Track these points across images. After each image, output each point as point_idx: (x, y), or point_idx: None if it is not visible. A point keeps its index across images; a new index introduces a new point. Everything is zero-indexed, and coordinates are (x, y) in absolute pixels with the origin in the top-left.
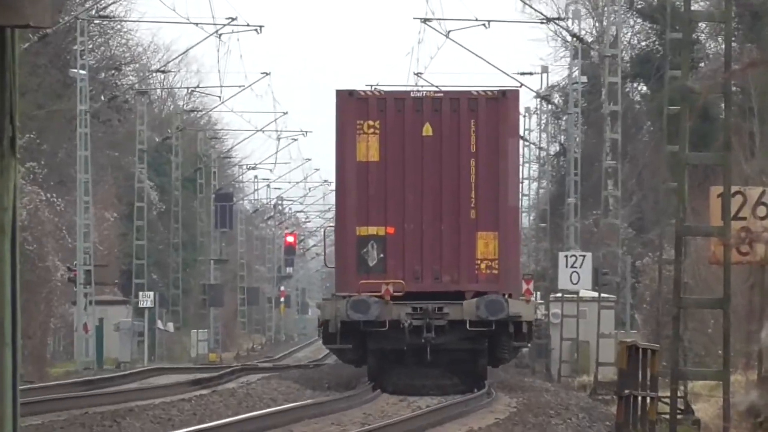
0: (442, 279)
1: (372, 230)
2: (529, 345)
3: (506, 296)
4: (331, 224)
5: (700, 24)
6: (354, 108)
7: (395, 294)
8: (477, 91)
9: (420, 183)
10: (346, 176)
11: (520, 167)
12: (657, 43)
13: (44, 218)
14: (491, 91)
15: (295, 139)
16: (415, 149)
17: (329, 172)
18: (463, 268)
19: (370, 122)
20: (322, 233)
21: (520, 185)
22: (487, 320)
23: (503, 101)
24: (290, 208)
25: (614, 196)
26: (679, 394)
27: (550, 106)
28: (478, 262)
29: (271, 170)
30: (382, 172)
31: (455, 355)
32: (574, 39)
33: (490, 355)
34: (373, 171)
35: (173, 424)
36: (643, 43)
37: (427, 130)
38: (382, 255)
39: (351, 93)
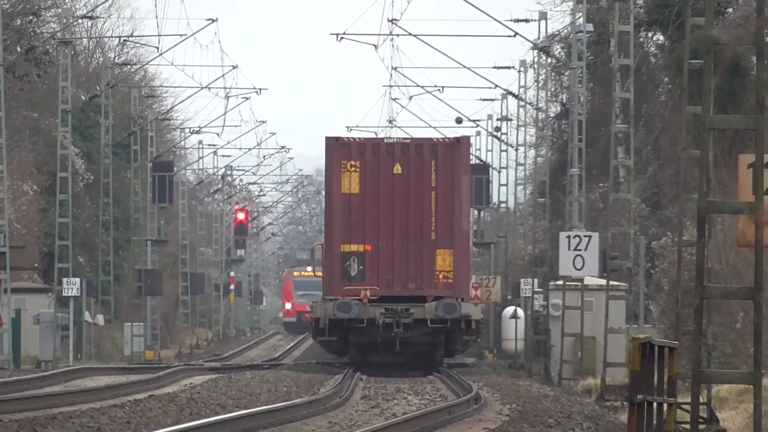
0: (409, 286)
1: (354, 247)
2: (479, 339)
3: (459, 300)
4: (320, 242)
5: None
6: (339, 151)
7: (372, 297)
8: (437, 139)
9: (391, 211)
10: (333, 205)
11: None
12: None
13: None
14: (448, 138)
15: (247, 98)
16: (387, 184)
17: (287, 136)
18: (426, 277)
19: (352, 162)
20: (312, 250)
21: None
22: (444, 319)
23: (457, 146)
24: (241, 180)
25: (625, 166)
26: (701, 400)
27: (549, 60)
28: (437, 273)
29: (218, 135)
30: (362, 202)
31: (418, 346)
32: None
33: (446, 347)
34: (354, 201)
35: None
36: None
37: (398, 169)
38: (361, 267)
39: (337, 139)
